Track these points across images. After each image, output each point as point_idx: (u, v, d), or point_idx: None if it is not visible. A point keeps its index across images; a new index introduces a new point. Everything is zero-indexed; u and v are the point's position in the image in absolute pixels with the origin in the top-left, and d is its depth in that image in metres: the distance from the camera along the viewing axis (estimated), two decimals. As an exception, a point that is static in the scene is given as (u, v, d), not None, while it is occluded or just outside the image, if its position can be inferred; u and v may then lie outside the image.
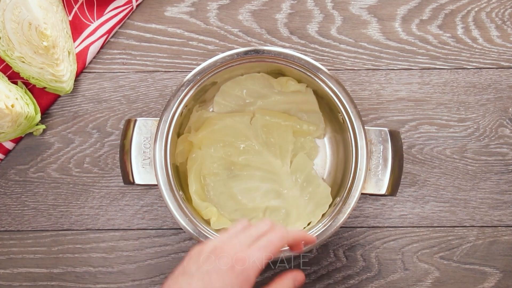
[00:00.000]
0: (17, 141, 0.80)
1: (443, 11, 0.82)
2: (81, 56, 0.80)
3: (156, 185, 0.69)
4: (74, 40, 0.80)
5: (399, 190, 0.77)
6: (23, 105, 0.76)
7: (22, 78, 0.78)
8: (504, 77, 0.81)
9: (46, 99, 0.80)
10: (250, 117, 0.77)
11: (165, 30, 0.82)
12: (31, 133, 0.80)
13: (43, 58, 0.76)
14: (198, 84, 0.71)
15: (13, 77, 0.79)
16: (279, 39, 0.82)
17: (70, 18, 0.81)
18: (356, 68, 0.81)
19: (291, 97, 0.76)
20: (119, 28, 0.82)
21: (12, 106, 0.74)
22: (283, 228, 0.58)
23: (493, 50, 0.81)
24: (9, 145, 0.80)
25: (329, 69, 0.71)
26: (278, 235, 0.57)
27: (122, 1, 0.81)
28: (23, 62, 0.75)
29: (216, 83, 0.75)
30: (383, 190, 0.70)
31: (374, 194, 0.70)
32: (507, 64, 0.81)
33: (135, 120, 0.71)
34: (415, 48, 0.81)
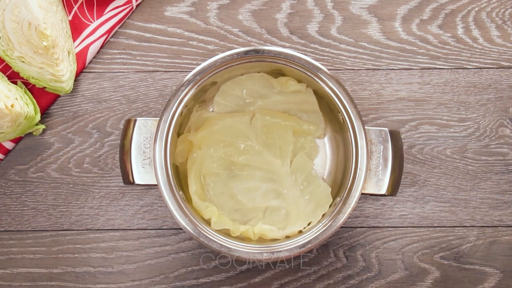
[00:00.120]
0: (16, 141, 0.80)
1: (444, 11, 0.82)
2: (81, 56, 0.80)
3: (156, 185, 0.69)
4: (74, 40, 0.80)
5: (399, 190, 0.77)
6: (22, 105, 0.76)
7: (22, 78, 0.78)
8: (505, 77, 0.81)
9: (46, 99, 0.80)
10: (250, 117, 0.76)
11: (165, 30, 0.82)
12: (30, 133, 0.80)
13: (42, 58, 0.75)
14: (198, 84, 0.71)
15: (13, 77, 0.79)
16: (279, 39, 0.82)
17: (70, 18, 0.81)
18: (356, 68, 0.81)
19: (291, 97, 0.76)
20: (119, 28, 0.82)
21: (12, 106, 0.74)
22: None
23: (493, 50, 0.81)
24: (8, 145, 0.80)
25: (329, 69, 0.71)
26: None
27: (122, 1, 0.81)
28: (23, 62, 0.75)
29: (216, 83, 0.75)
30: (383, 190, 0.70)
31: (374, 194, 0.70)
32: (507, 64, 0.81)
33: (135, 120, 0.71)
34: (415, 48, 0.81)
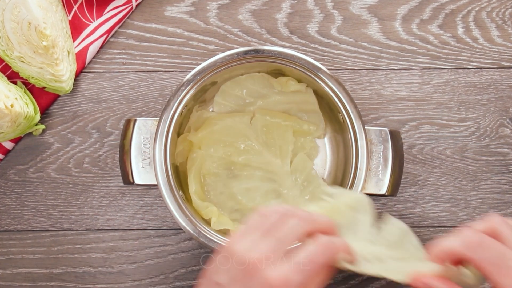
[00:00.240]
0: (16, 141, 0.80)
1: (444, 10, 0.82)
2: (80, 55, 0.80)
3: (156, 185, 0.69)
4: (74, 39, 0.80)
5: (399, 190, 0.77)
6: (22, 105, 0.76)
7: (22, 78, 0.78)
8: (505, 77, 0.81)
9: (46, 99, 0.80)
10: (250, 117, 0.76)
11: (165, 30, 0.82)
12: (30, 133, 0.80)
13: (42, 58, 0.75)
14: (198, 84, 0.71)
15: (13, 76, 0.79)
16: (279, 39, 0.81)
17: (70, 17, 0.80)
18: (356, 68, 0.81)
19: (291, 97, 0.76)
20: (119, 27, 0.82)
21: (12, 106, 0.74)
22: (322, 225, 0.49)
23: (493, 50, 0.81)
24: (8, 145, 0.80)
25: (329, 69, 0.71)
26: (326, 252, 0.48)
27: (121, 0, 0.81)
28: (23, 61, 0.75)
29: (216, 83, 0.75)
30: (384, 190, 0.70)
31: (374, 194, 0.70)
32: (507, 64, 0.81)
33: (135, 120, 0.71)
34: (415, 48, 0.81)
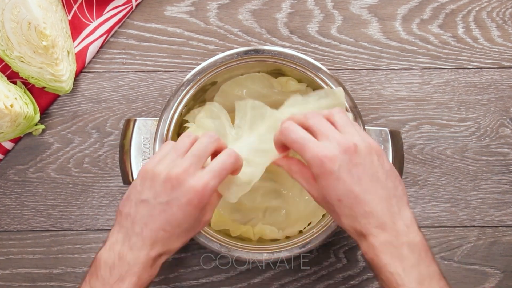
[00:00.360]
0: (16, 141, 0.80)
1: (444, 10, 0.82)
2: (80, 55, 0.80)
3: (156, 185, 0.69)
4: (74, 39, 0.80)
5: (399, 190, 0.77)
6: (22, 105, 0.75)
7: (21, 77, 0.78)
8: (505, 76, 0.81)
9: (46, 99, 0.80)
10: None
11: (164, 30, 0.82)
12: (30, 133, 0.80)
13: (42, 58, 0.75)
14: (198, 84, 0.71)
15: (12, 76, 0.79)
16: (279, 39, 0.81)
17: (70, 17, 0.80)
18: (356, 68, 0.81)
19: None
20: (119, 27, 0.82)
21: (11, 106, 0.74)
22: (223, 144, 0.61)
23: (494, 49, 0.81)
24: (8, 145, 0.79)
25: (329, 69, 0.71)
26: (228, 155, 0.59)
27: (121, 0, 0.81)
28: (22, 61, 0.75)
29: (216, 83, 0.75)
30: (384, 190, 0.69)
31: (374, 194, 0.70)
32: (508, 63, 0.81)
33: (135, 120, 0.71)
34: (415, 48, 0.81)
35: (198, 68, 0.70)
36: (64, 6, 0.80)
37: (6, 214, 0.79)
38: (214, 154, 0.60)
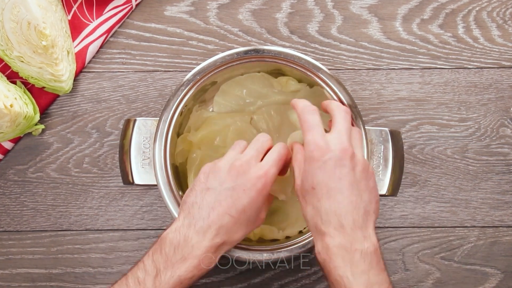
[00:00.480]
0: (16, 141, 0.80)
1: (444, 10, 0.82)
2: (80, 55, 0.80)
3: (156, 185, 0.69)
4: (73, 39, 0.80)
5: (399, 190, 0.76)
6: (22, 105, 0.75)
7: (21, 77, 0.77)
8: (506, 76, 0.81)
9: (45, 99, 0.80)
10: (250, 117, 0.76)
11: (164, 30, 0.81)
12: (30, 133, 0.80)
13: (42, 58, 0.75)
14: (198, 84, 0.71)
15: (12, 76, 0.79)
16: (279, 39, 0.81)
17: (69, 17, 0.80)
18: (356, 68, 0.81)
19: (291, 97, 0.76)
20: (119, 27, 0.82)
21: (11, 106, 0.74)
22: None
23: (494, 49, 0.81)
24: (8, 145, 0.79)
25: (329, 69, 0.71)
26: (282, 146, 0.63)
27: (121, 0, 0.81)
28: (22, 61, 0.75)
29: (216, 83, 0.75)
30: (384, 190, 0.69)
31: (374, 195, 0.70)
32: (508, 63, 0.81)
33: (135, 120, 0.71)
34: (416, 48, 0.81)
35: (198, 68, 0.70)
36: (64, 6, 0.80)
37: (5, 214, 0.79)
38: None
